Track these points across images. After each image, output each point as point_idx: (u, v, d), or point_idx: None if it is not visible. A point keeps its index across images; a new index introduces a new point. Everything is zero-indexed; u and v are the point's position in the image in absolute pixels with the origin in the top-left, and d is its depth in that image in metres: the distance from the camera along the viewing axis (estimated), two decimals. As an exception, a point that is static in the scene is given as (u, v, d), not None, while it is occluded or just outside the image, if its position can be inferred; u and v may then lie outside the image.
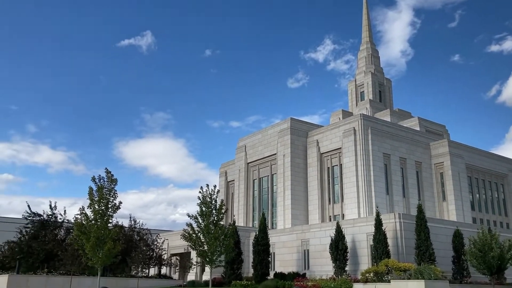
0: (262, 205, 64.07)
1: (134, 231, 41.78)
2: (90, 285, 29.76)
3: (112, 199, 22.62)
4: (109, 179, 22.75)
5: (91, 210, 22.35)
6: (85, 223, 22.21)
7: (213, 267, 29.15)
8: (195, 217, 29.34)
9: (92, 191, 22.39)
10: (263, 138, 65.05)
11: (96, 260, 22.05)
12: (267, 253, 40.48)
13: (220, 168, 78.02)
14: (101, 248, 21.93)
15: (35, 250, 35.59)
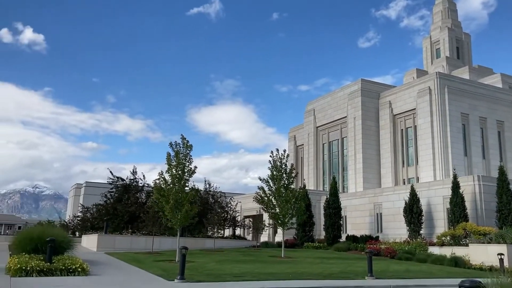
0: (332, 169, 63.70)
1: (209, 194, 43.47)
2: (170, 245, 31.71)
3: (188, 164, 23.56)
4: (185, 145, 23.64)
5: (169, 175, 23.49)
6: (164, 187, 23.43)
7: (285, 229, 29.78)
8: (266, 181, 29.92)
9: (169, 157, 23.45)
10: (333, 101, 63.96)
11: (175, 221, 23.30)
12: (339, 216, 40.57)
13: (289, 133, 78.16)
14: (179, 210, 23.09)
15: (120, 212, 38.31)
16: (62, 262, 16.96)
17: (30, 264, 16.00)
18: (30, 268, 15.76)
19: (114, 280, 15.96)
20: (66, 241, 20.98)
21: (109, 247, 30.09)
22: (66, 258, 18.11)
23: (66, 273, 16.26)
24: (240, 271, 19.33)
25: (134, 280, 16.23)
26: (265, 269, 20.57)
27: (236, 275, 17.85)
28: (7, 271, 16.28)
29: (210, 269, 19.70)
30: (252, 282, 15.97)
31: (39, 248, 19.10)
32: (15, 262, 16.28)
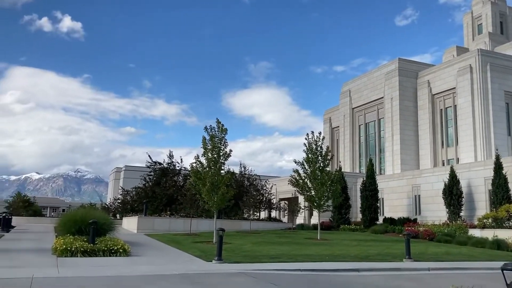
0: (369, 151, 62.81)
1: (244, 177, 43.82)
2: (207, 227, 32.30)
3: (223, 147, 23.77)
4: (220, 129, 23.83)
5: (205, 158, 23.79)
6: (200, 170, 23.78)
7: (320, 211, 29.73)
8: (301, 164, 29.84)
9: (205, 141, 23.72)
10: (369, 82, 62.72)
11: (211, 203, 23.67)
12: (376, 199, 40.12)
13: (324, 115, 77.37)
14: (216, 193, 23.43)
15: (158, 195, 39.22)
16: (104, 243, 17.59)
17: (74, 245, 16.68)
18: (75, 248, 16.44)
19: (155, 260, 16.44)
20: (107, 223, 21.71)
21: (148, 229, 30.94)
22: (108, 239, 18.76)
23: (109, 253, 16.87)
24: (276, 252, 19.51)
25: (173, 260, 16.67)
26: (301, 251, 20.67)
27: (272, 256, 18.03)
28: (53, 251, 17.04)
29: (246, 251, 19.98)
30: (288, 263, 16.10)
31: (83, 230, 19.85)
32: (61, 243, 17.01)
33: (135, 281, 11.67)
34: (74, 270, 13.27)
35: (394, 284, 12.61)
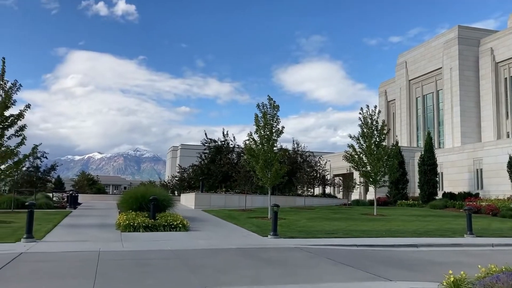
0: (427, 124, 60.61)
1: (298, 153, 43.76)
2: (262, 203, 32.73)
3: (275, 124, 23.76)
4: (272, 105, 23.78)
5: (258, 135, 23.92)
6: (253, 147, 23.97)
7: (377, 187, 29.21)
8: (356, 139, 29.32)
9: (257, 118, 23.79)
10: (426, 52, 60.06)
11: (265, 180, 23.87)
12: (434, 173, 38.85)
13: (379, 88, 75.22)
14: (269, 169, 23.58)
15: (214, 172, 40.07)
16: (164, 218, 18.29)
17: (136, 220, 17.47)
18: (137, 224, 17.21)
19: (212, 235, 16.90)
20: (167, 200, 22.52)
21: (205, 205, 31.78)
22: (168, 215, 19.48)
23: (169, 228, 17.53)
24: (331, 228, 19.47)
25: (231, 235, 17.07)
26: (357, 226, 20.50)
27: (328, 232, 18.01)
28: (117, 227, 17.94)
29: (301, 226, 20.08)
30: (344, 239, 16.03)
31: (143, 206, 20.71)
32: (124, 219, 17.87)
33: (194, 255, 12.08)
34: (137, 244, 13.93)
35: (455, 260, 12.25)
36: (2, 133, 18.96)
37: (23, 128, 19.48)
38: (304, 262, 11.44)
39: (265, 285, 8.51)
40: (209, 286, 8.15)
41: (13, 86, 19.26)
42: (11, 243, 13.38)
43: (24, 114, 19.47)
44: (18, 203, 27.45)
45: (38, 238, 14.44)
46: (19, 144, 19.48)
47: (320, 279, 9.16)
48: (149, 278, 8.89)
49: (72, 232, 16.79)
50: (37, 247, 12.81)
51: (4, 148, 19.04)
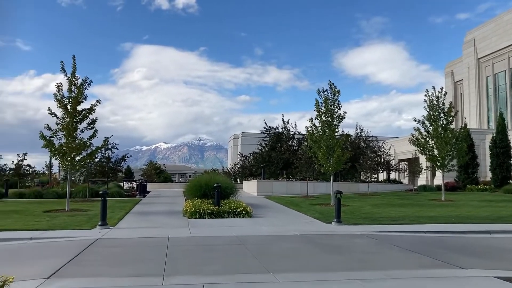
0: (499, 104, 57.09)
1: (360, 139, 42.89)
2: (324, 189, 32.53)
3: (337, 109, 23.39)
4: (332, 90, 23.40)
5: (319, 121, 23.69)
6: (315, 133, 23.79)
7: (444, 171, 28.03)
8: (422, 122, 28.24)
9: (318, 103, 23.55)
10: (497, 27, 56.32)
11: (327, 166, 23.65)
12: (508, 156, 36.67)
13: (445, 68, 71.71)
14: (331, 156, 23.33)
15: (274, 159, 40.26)
16: (228, 205, 18.71)
17: (202, 207, 18.02)
18: (203, 211, 17.75)
19: (275, 222, 17.07)
20: (230, 187, 22.98)
21: (267, 192, 32.08)
22: (231, 202, 19.90)
23: (233, 215, 17.92)
24: (397, 214, 19.00)
25: (294, 221, 17.15)
26: (424, 212, 19.84)
27: (394, 218, 17.60)
28: (184, 213, 18.60)
29: (365, 212, 19.76)
30: (411, 225, 15.60)
31: (208, 194, 21.30)
32: (190, 206, 18.49)
33: (258, 241, 12.28)
34: (203, 230, 14.38)
35: (532, 248, 11.57)
36: (76, 127, 20.14)
37: (94, 121, 20.56)
38: (370, 249, 11.28)
39: (331, 272, 8.50)
40: (274, 272, 8.28)
41: (84, 82, 20.34)
42: (87, 230, 14.30)
43: (95, 108, 20.54)
44: (92, 192, 29.16)
45: (112, 225, 15.31)
46: (91, 136, 20.60)
47: (387, 266, 9.01)
48: (215, 263, 9.17)
49: (143, 219, 17.62)
50: (111, 234, 13.59)
51: (78, 141, 20.23)
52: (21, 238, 12.61)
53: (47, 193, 29.54)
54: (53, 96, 19.75)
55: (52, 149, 20.43)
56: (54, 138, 20.00)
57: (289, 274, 8.16)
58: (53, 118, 19.80)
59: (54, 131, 19.88)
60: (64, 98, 19.84)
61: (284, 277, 7.94)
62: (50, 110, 19.79)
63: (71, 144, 19.95)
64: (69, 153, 20.04)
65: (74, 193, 28.98)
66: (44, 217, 17.27)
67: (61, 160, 20.74)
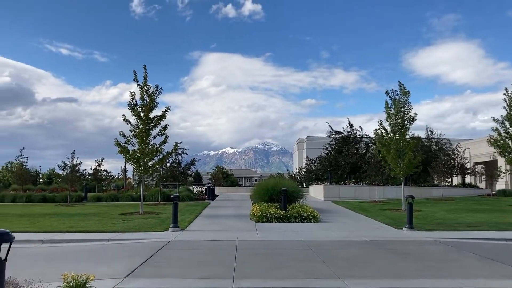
0: None
1: (432, 141, 41.10)
2: (395, 194, 31.47)
3: (407, 111, 22.58)
4: (402, 91, 22.61)
5: (389, 124, 22.99)
6: (384, 136, 23.11)
7: (527, 175, 26.12)
8: (501, 122, 26.53)
9: (387, 105, 22.87)
10: None
11: (398, 170, 22.87)
12: None
13: (526, 64, 66.86)
14: (402, 159, 22.55)
15: (341, 163, 39.62)
16: (295, 210, 18.65)
17: (269, 211, 18.11)
18: (270, 215, 17.84)
19: (344, 227, 16.76)
20: (296, 191, 22.90)
21: (334, 196, 31.60)
22: (298, 206, 19.82)
23: (300, 220, 17.83)
24: (474, 220, 17.96)
25: (362, 227, 16.75)
26: (505, 218, 18.59)
27: (470, 224, 16.66)
28: (251, 217, 18.79)
29: (439, 218, 18.86)
30: (490, 232, 14.67)
31: (274, 198, 21.37)
32: (257, 209, 18.65)
33: (326, 246, 12.11)
34: (270, 234, 14.43)
35: None
36: (148, 133, 21.05)
37: (165, 127, 21.39)
38: (444, 256, 10.75)
39: (403, 279, 8.20)
40: (343, 278, 8.12)
41: (155, 90, 21.24)
42: (160, 232, 14.85)
43: (165, 115, 21.37)
44: (164, 195, 30.27)
45: (183, 227, 15.79)
46: (162, 142, 21.45)
47: (464, 275, 8.52)
48: (284, 267, 9.15)
49: (212, 222, 18.02)
50: (182, 236, 14.02)
51: (150, 147, 21.13)
52: (100, 239, 13.36)
53: (123, 197, 31.07)
54: (127, 104, 20.81)
55: (126, 155, 21.53)
56: (128, 145, 21.05)
57: (360, 280, 7.97)
58: (128, 125, 20.85)
59: (128, 138, 20.93)
60: (137, 106, 20.83)
61: (355, 283, 7.76)
62: (125, 118, 20.83)
63: (144, 150, 20.87)
64: (142, 159, 20.98)
65: (147, 196, 30.24)
66: (120, 220, 18.18)
67: (135, 165, 21.79)
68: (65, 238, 13.53)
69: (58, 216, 19.72)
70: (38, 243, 12.84)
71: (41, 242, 12.92)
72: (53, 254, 11.23)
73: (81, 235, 14.17)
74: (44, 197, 31.33)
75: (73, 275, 6.47)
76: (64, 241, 13.22)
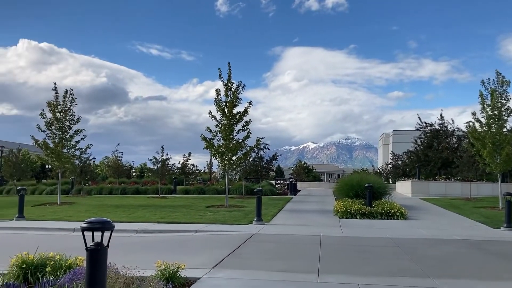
0: None
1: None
2: (490, 191, 29.34)
3: (505, 102, 20.89)
4: (500, 81, 20.93)
5: (483, 116, 21.45)
6: (478, 129, 21.60)
7: None
8: None
9: (482, 96, 21.33)
10: None
11: (494, 166, 21.27)
12: None
13: None
14: (499, 153, 20.94)
15: (431, 158, 37.66)
16: (381, 206, 18.11)
17: (353, 207, 17.76)
18: (354, 211, 17.50)
19: (433, 225, 15.98)
20: (382, 187, 22.22)
21: (423, 193, 30.20)
22: (384, 202, 19.23)
23: (386, 216, 17.28)
24: None
25: (454, 225, 15.85)
26: None
27: None
28: (334, 213, 18.56)
29: (543, 218, 17.27)
30: None
31: (359, 194, 20.90)
32: (341, 205, 18.38)
33: (415, 244, 11.63)
34: (354, 231, 14.15)
35: None
36: (232, 128, 21.58)
37: (248, 123, 21.78)
38: (550, 260, 9.83)
39: (503, 281, 7.64)
40: (435, 278, 7.74)
41: (238, 87, 21.70)
42: (244, 225, 15.20)
43: (248, 111, 21.76)
44: (247, 189, 30.90)
45: (266, 221, 16.02)
46: (245, 137, 21.87)
47: None
48: (369, 264, 8.94)
49: (295, 217, 18.08)
50: (266, 229, 14.22)
51: (234, 142, 21.66)
52: (189, 230, 13.99)
53: (208, 190, 32.19)
54: (213, 101, 21.50)
55: (212, 150, 22.27)
56: (213, 140, 21.76)
57: (452, 280, 7.55)
58: (213, 121, 21.54)
59: (214, 133, 21.63)
60: (222, 102, 21.43)
61: (446, 283, 7.37)
62: (211, 114, 21.55)
63: (229, 144, 21.44)
64: (227, 153, 21.57)
65: (231, 190, 31.04)
66: (207, 212, 18.87)
67: (220, 160, 22.46)
68: (157, 229, 14.34)
69: (150, 208, 20.93)
70: (132, 232, 13.75)
71: (135, 232, 13.82)
72: (146, 243, 11.96)
73: (171, 226, 14.93)
74: (137, 189, 33.40)
75: (165, 263, 6.85)
76: (156, 231, 14.03)
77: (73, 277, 5.82)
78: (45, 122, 22.99)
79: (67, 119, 23.39)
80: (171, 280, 6.62)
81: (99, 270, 4.52)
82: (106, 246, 4.57)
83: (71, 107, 23.53)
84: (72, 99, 23.64)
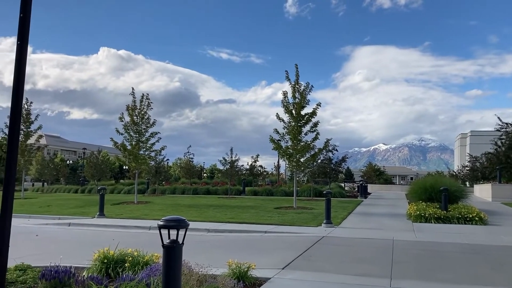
0: None
1: None
2: None
3: None
4: None
5: None
6: None
7: None
8: None
9: None
10: None
11: None
12: None
13: None
14: None
15: (513, 160, 35.18)
16: (457, 210, 17.22)
17: (427, 211, 17.03)
18: (428, 215, 16.77)
19: (516, 231, 14.92)
20: (458, 191, 21.12)
21: (505, 197, 28.32)
22: (461, 206, 18.27)
23: (463, 221, 16.40)
24: None
25: (540, 233, 14.70)
26: None
27: None
28: (407, 217, 17.91)
29: None
30: None
31: (433, 197, 20.01)
32: (414, 209, 17.70)
33: (496, 251, 10.95)
34: (429, 235, 13.57)
35: None
36: (300, 130, 21.54)
37: (316, 124, 21.65)
38: None
39: None
40: (518, 288, 7.25)
41: (306, 88, 21.64)
42: (313, 227, 15.11)
43: (316, 112, 21.63)
44: (316, 191, 30.67)
45: (336, 224, 15.81)
46: (314, 139, 21.76)
47: None
48: (446, 271, 8.54)
49: (365, 220, 17.68)
50: (336, 232, 14.04)
51: (302, 143, 21.61)
52: (258, 231, 14.16)
53: (276, 191, 32.35)
54: (281, 102, 21.60)
55: (280, 151, 22.37)
56: (281, 141, 21.85)
57: (539, 293, 7.03)
58: (281, 123, 21.64)
59: (281, 135, 21.72)
60: (289, 104, 21.48)
61: (533, 295, 6.87)
62: (278, 116, 21.67)
63: (297, 146, 21.44)
64: (295, 155, 21.58)
65: (299, 192, 30.97)
66: (275, 213, 18.98)
67: (288, 161, 22.50)
68: (227, 228, 14.66)
69: (220, 208, 21.43)
70: (204, 231, 14.15)
71: (207, 231, 14.22)
72: (217, 242, 12.26)
73: (241, 226, 15.20)
74: (208, 190, 34.32)
75: (236, 262, 7.00)
76: (226, 231, 14.35)
77: (150, 273, 6.12)
78: (123, 125, 24.35)
79: (144, 122, 24.61)
80: (242, 279, 6.75)
81: (175, 267, 4.71)
82: (181, 244, 4.76)
83: (147, 111, 24.73)
84: (148, 103, 24.85)
